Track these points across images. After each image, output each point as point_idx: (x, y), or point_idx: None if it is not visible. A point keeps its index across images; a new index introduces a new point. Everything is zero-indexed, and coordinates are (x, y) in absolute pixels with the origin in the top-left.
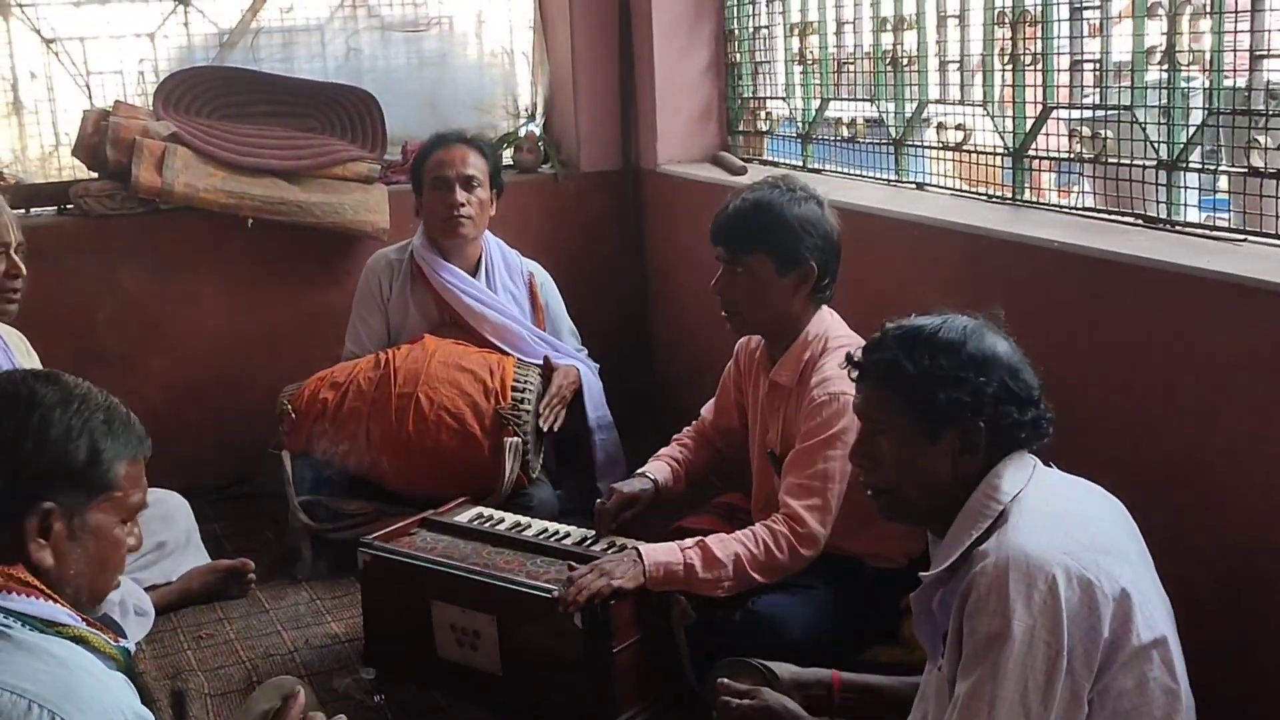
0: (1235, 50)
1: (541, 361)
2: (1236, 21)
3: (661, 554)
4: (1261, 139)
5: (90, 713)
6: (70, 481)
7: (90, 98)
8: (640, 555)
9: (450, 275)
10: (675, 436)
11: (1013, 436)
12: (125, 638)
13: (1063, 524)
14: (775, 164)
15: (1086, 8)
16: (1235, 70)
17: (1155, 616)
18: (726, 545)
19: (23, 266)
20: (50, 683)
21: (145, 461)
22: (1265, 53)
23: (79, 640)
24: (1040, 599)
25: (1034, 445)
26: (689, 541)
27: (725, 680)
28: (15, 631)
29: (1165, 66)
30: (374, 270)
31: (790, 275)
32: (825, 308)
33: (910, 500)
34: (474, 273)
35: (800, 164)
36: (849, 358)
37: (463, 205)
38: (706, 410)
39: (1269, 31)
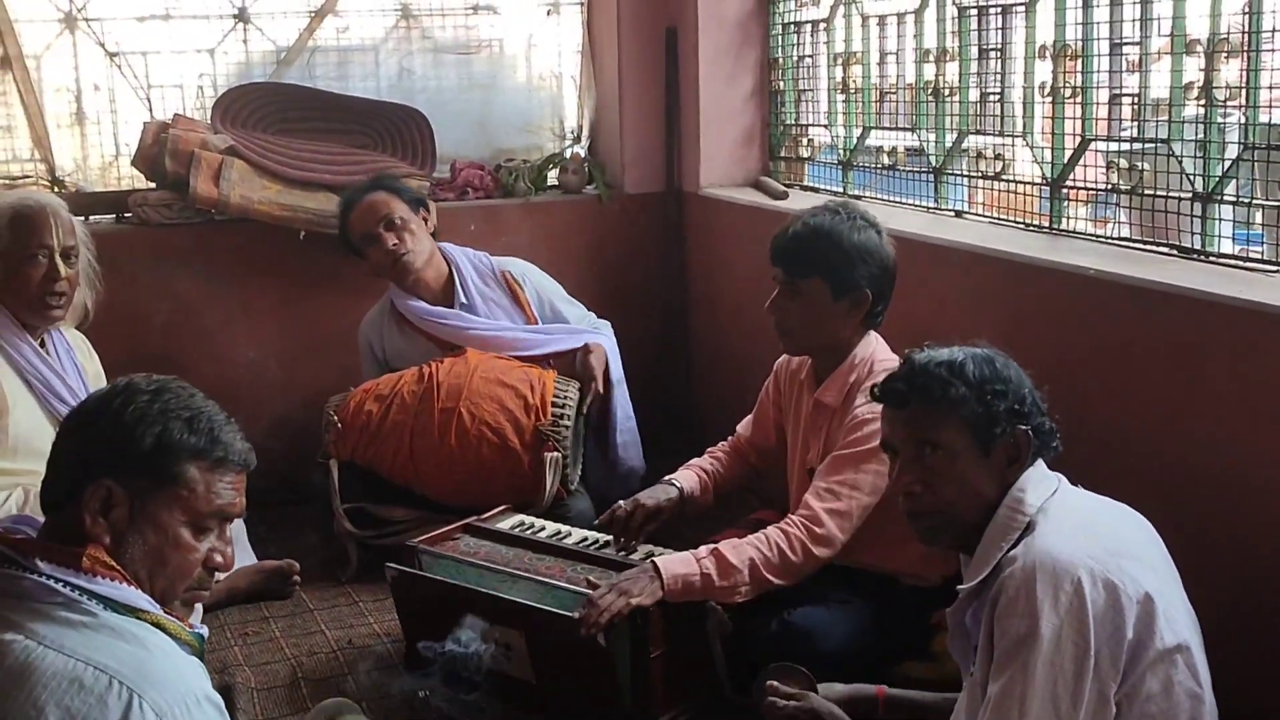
0: (1271, 87)
1: (551, 359)
2: (1274, 58)
3: (678, 566)
4: None
5: (167, 693)
6: (134, 464)
7: (151, 110)
8: (657, 570)
9: (427, 314)
10: (709, 449)
11: (1046, 444)
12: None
13: (1087, 531)
14: (816, 190)
15: (1126, 43)
16: (1271, 106)
17: (1179, 622)
18: (741, 551)
19: (62, 269)
20: (132, 662)
21: (241, 474)
22: None
23: (157, 626)
24: (1067, 600)
25: (1050, 456)
26: (703, 550)
27: (774, 683)
28: (100, 613)
29: (1202, 101)
30: (364, 334)
31: (844, 300)
32: (873, 333)
33: (962, 518)
34: (449, 291)
35: (841, 190)
36: (873, 390)
37: (396, 245)
38: (743, 427)
39: None
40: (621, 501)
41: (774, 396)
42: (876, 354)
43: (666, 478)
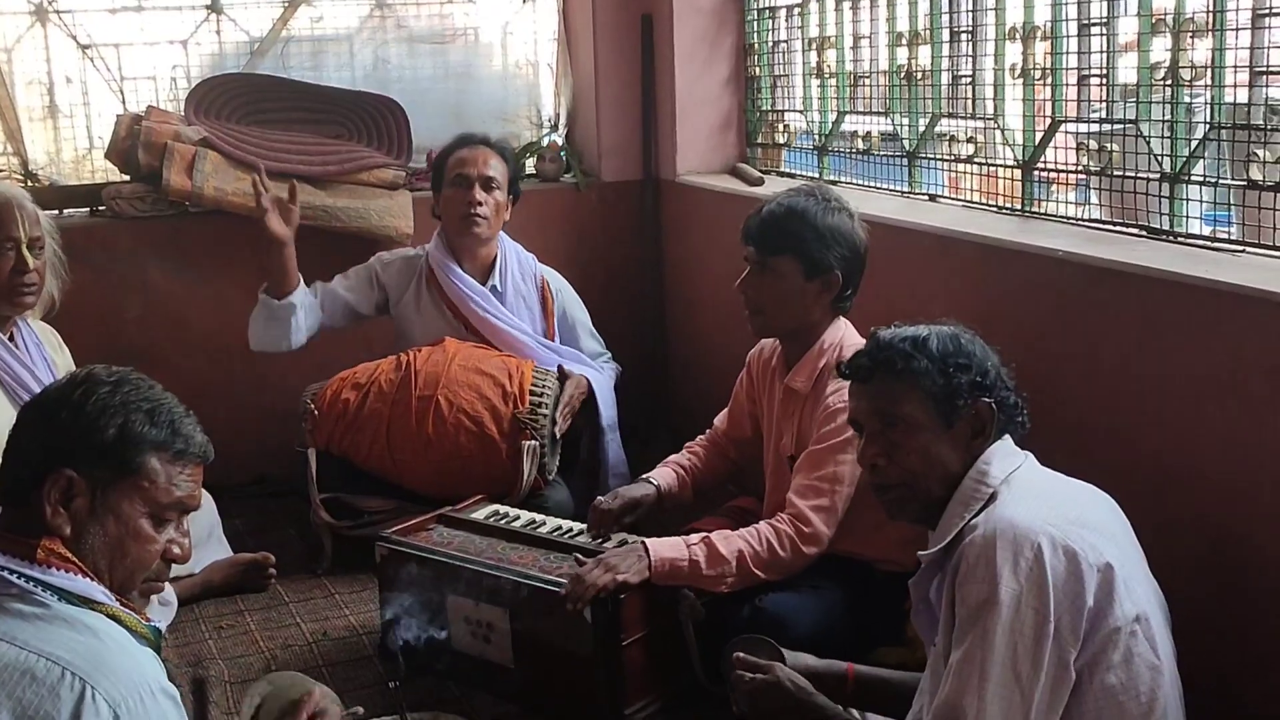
0: (1236, 66)
1: (556, 368)
2: (1238, 38)
3: (667, 549)
4: (1260, 153)
5: (120, 684)
6: (94, 454)
7: (124, 103)
8: (646, 550)
9: (461, 283)
10: (687, 445)
11: (1011, 418)
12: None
13: (1048, 501)
14: (793, 175)
15: (1094, 23)
16: (1236, 86)
17: (1138, 593)
18: (731, 542)
19: (30, 260)
20: (85, 653)
21: (198, 466)
22: (1265, 69)
23: (112, 618)
24: (1026, 566)
25: (1018, 432)
26: (694, 537)
27: (741, 654)
28: (53, 604)
29: (1169, 82)
30: (381, 263)
31: (815, 280)
32: (842, 318)
33: (926, 490)
34: (488, 274)
35: (816, 175)
36: (839, 366)
37: (480, 204)
38: (719, 420)
39: (1269, 48)
40: (601, 496)
41: (747, 388)
42: (846, 339)
43: (644, 475)
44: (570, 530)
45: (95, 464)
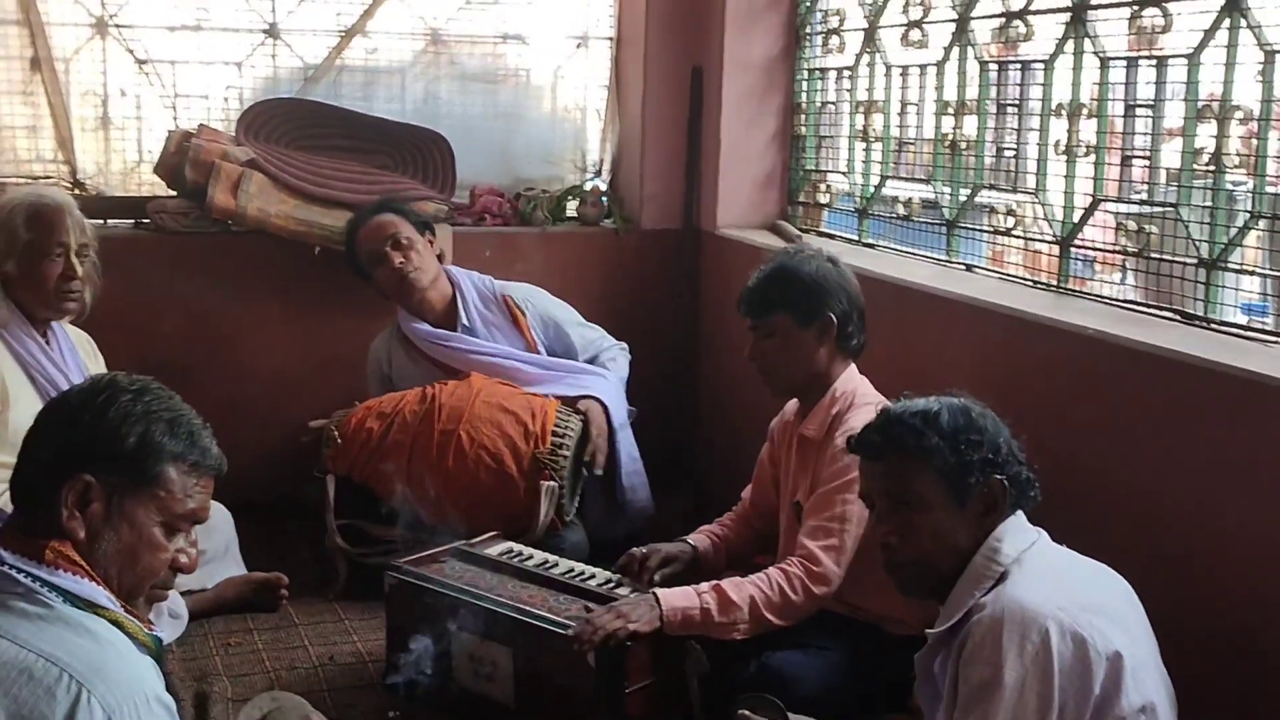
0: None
1: (554, 396)
2: None
3: (678, 599)
4: None
5: (117, 690)
6: (114, 462)
7: (176, 119)
8: (657, 600)
9: (433, 336)
10: (718, 519)
11: (1023, 493)
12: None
13: (1060, 584)
14: (832, 236)
15: (1140, 104)
16: (1277, 176)
17: (1147, 684)
18: (741, 589)
19: (78, 267)
20: (84, 656)
21: (211, 479)
22: None
23: (115, 624)
24: (1033, 650)
25: (1029, 506)
26: (704, 586)
27: (746, 712)
28: (57, 605)
29: (1212, 168)
30: (374, 355)
31: (811, 328)
32: (854, 367)
33: (937, 568)
34: (451, 313)
35: (856, 238)
36: (849, 440)
37: (403, 263)
38: (746, 493)
39: None
40: (636, 548)
41: (770, 453)
42: (859, 388)
43: (682, 538)
44: (584, 573)
45: (114, 470)
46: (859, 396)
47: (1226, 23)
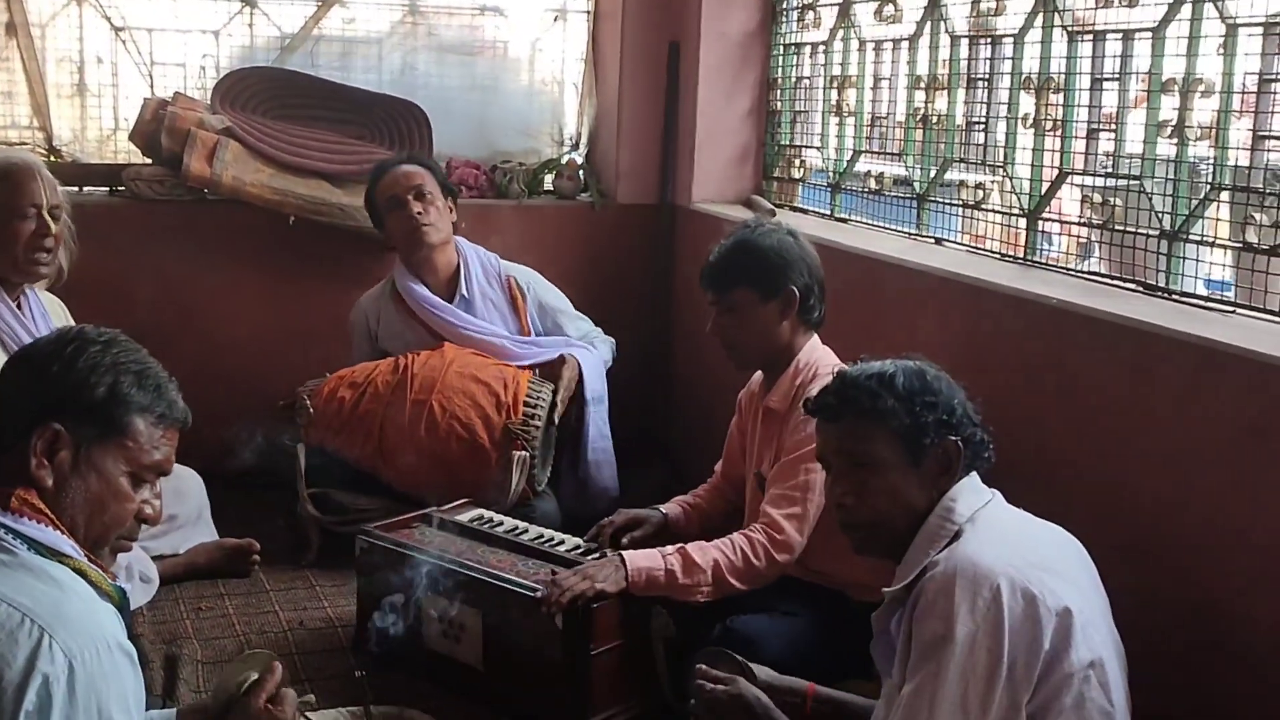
0: (1239, 129)
1: (536, 368)
2: (1243, 101)
3: (643, 560)
4: (1258, 216)
5: (78, 636)
6: (83, 411)
7: (152, 87)
8: (623, 560)
9: (428, 302)
10: (692, 491)
11: (977, 455)
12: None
13: (1012, 542)
14: (805, 211)
15: (1107, 78)
16: (1239, 148)
17: (1095, 639)
18: (705, 552)
19: (53, 226)
20: (46, 601)
21: (176, 431)
22: (1268, 133)
23: (79, 572)
24: (984, 606)
25: (983, 467)
26: (670, 548)
27: (704, 666)
28: (21, 552)
29: (1175, 140)
30: (361, 310)
31: (773, 301)
32: (816, 338)
33: (893, 528)
34: (452, 283)
35: (829, 213)
36: (806, 403)
37: (420, 214)
38: (719, 465)
39: (1272, 113)
40: (606, 518)
41: (738, 424)
42: (821, 359)
43: (653, 506)
44: (552, 539)
45: (83, 420)
46: (822, 367)
47: None
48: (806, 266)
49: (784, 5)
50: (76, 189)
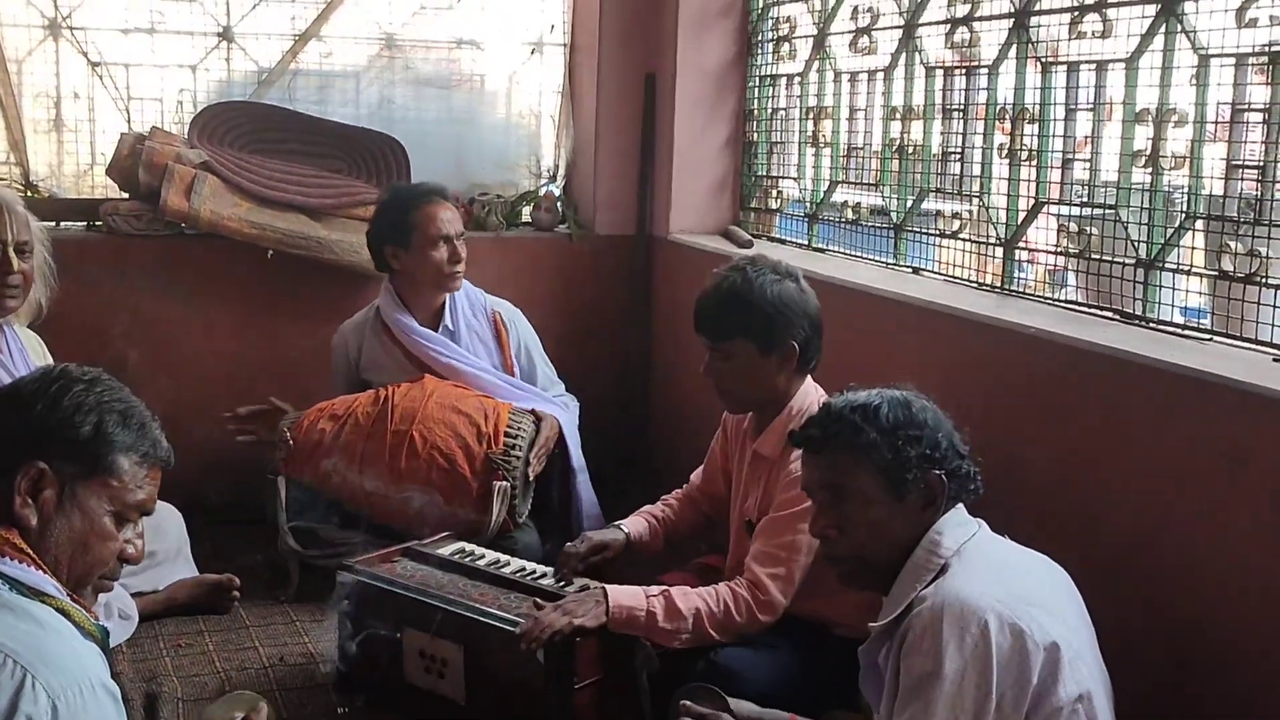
0: (1213, 158)
1: (531, 411)
2: (1216, 132)
3: (626, 597)
4: (1233, 244)
5: (62, 675)
6: (68, 450)
7: (129, 121)
8: (605, 596)
9: (415, 333)
10: (663, 498)
11: (964, 487)
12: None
13: (999, 576)
14: (783, 241)
15: (1081, 109)
16: (1212, 177)
17: (1083, 673)
18: (689, 599)
19: (16, 262)
20: (29, 643)
21: (159, 470)
22: (1241, 162)
23: (62, 612)
24: (972, 642)
25: (970, 499)
26: (654, 589)
27: (687, 702)
28: (3, 593)
29: (1150, 170)
30: (342, 337)
31: (771, 356)
32: (810, 380)
33: (879, 563)
34: (439, 317)
35: (806, 243)
36: (791, 435)
37: (460, 261)
38: (696, 475)
39: (1245, 143)
40: (570, 543)
41: (722, 444)
42: (813, 403)
43: (615, 522)
44: (534, 572)
45: (68, 459)
46: (812, 409)
47: (1163, 28)
48: (808, 319)
49: (760, 37)
50: (54, 224)
